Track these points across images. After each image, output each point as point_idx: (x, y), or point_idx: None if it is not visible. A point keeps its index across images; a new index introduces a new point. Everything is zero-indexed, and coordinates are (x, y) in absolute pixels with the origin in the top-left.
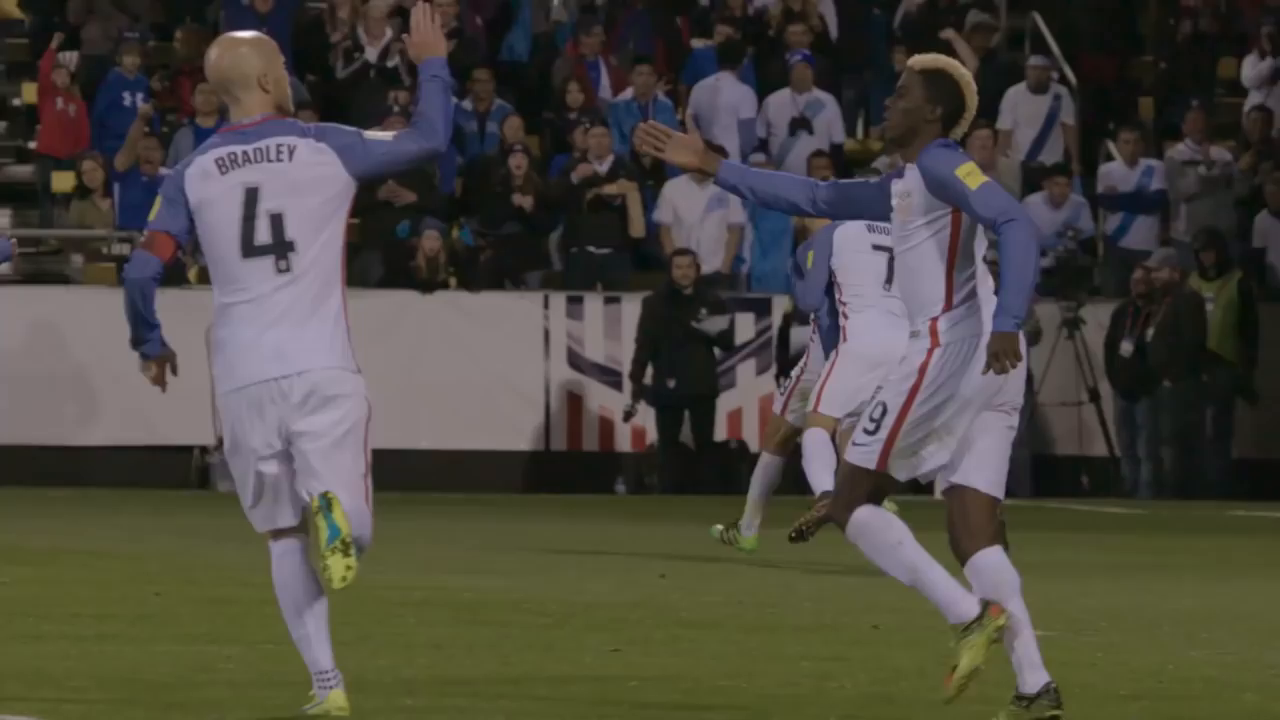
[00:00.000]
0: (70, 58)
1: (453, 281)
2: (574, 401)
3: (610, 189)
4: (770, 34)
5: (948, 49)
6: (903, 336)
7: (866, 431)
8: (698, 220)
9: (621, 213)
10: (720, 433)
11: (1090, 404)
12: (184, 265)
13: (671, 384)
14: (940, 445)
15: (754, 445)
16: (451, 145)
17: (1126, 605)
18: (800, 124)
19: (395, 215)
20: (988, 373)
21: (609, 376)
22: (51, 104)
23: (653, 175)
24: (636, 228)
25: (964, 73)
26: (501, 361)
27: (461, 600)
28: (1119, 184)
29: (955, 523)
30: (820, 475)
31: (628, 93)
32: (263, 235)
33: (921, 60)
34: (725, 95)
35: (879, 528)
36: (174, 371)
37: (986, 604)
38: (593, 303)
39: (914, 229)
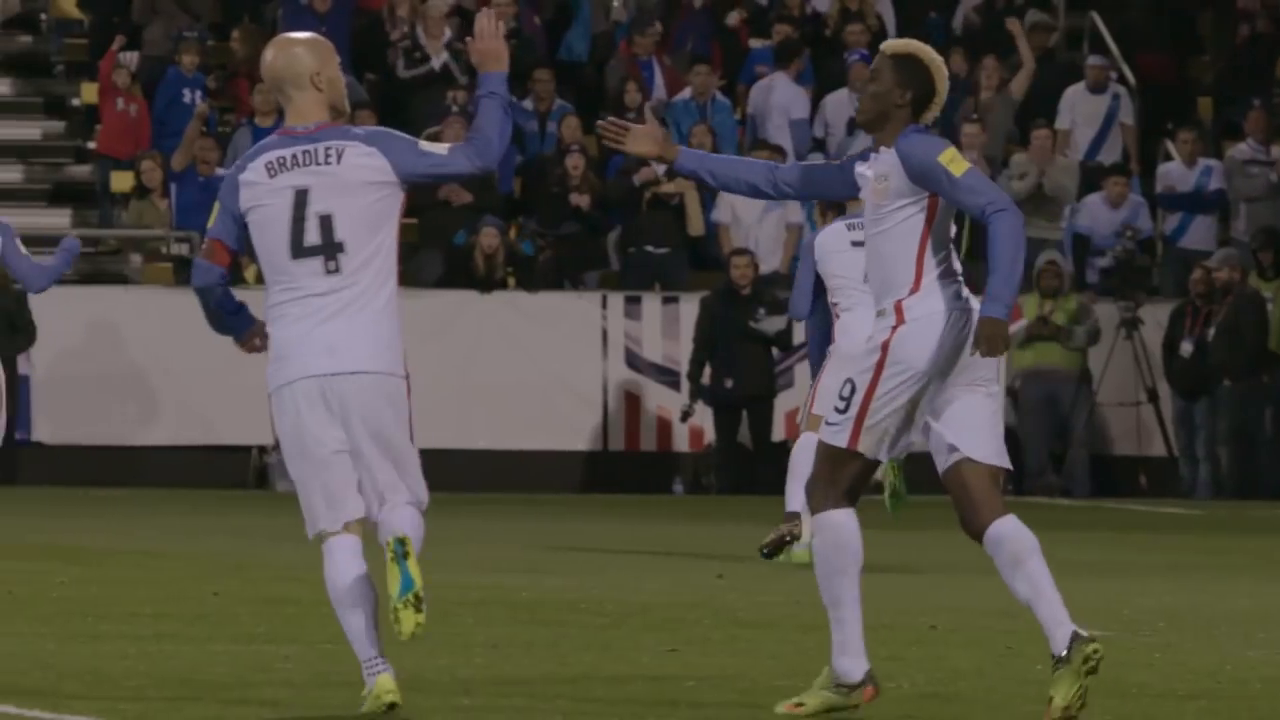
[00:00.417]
0: (131, 58)
1: (511, 281)
2: (632, 402)
3: (668, 188)
4: (827, 34)
5: (1008, 45)
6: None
7: (838, 410)
8: (756, 220)
9: (679, 212)
10: (778, 433)
11: (1149, 404)
12: (241, 265)
13: (729, 384)
14: (910, 423)
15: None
16: (511, 144)
17: (1184, 605)
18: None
19: (453, 215)
20: (974, 354)
21: (667, 377)
22: (112, 104)
23: None
24: (695, 227)
25: (935, 58)
26: (559, 361)
27: (519, 600)
28: (1177, 184)
29: (960, 501)
30: (795, 493)
31: (686, 92)
32: (312, 236)
33: (893, 45)
34: (778, 95)
35: (840, 542)
36: (265, 337)
37: (866, 681)
38: (651, 303)
39: (888, 212)
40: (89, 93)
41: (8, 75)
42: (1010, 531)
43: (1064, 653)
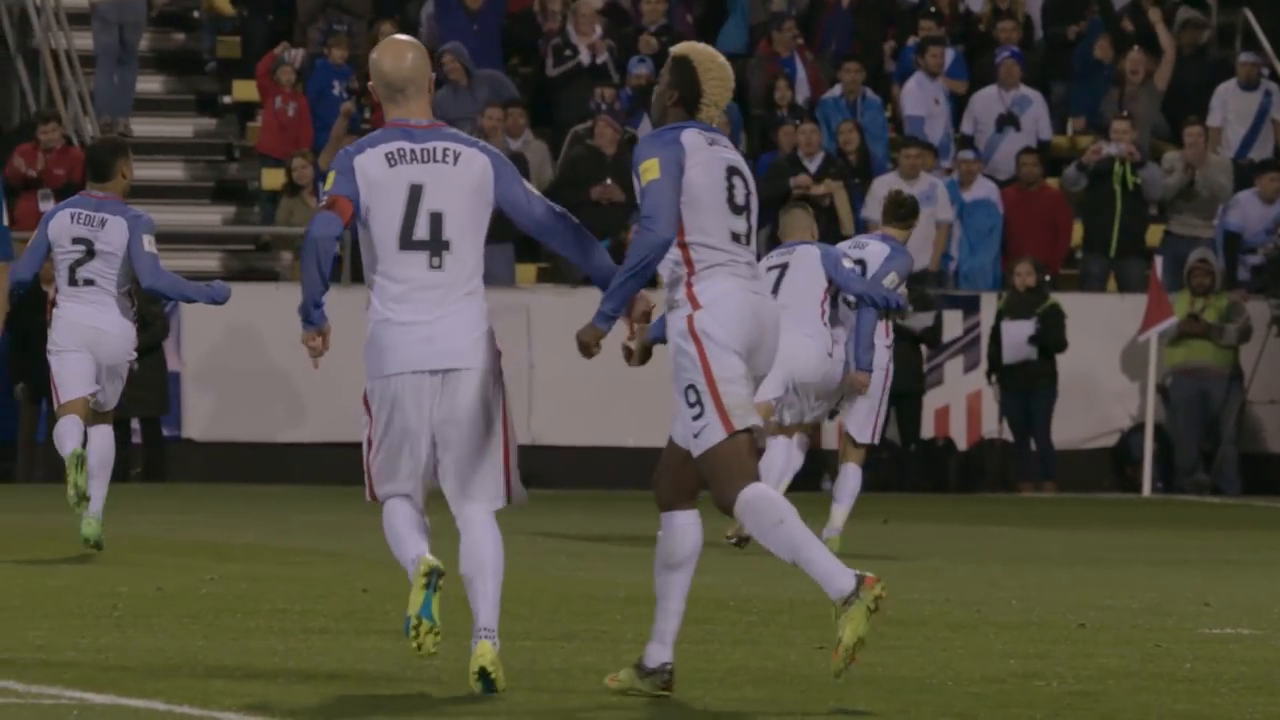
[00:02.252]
0: (295, 55)
1: (659, 279)
2: None
3: (818, 189)
4: (980, 31)
5: (1151, 38)
6: (793, 339)
7: (695, 419)
8: None
9: (829, 213)
10: (928, 430)
11: None
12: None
13: None
14: (753, 389)
15: (962, 444)
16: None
17: None
18: (1007, 120)
19: (601, 213)
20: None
21: None
22: (270, 103)
23: (859, 173)
24: (847, 226)
25: (706, 57)
26: None
27: None
28: None
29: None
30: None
31: (836, 89)
32: (421, 231)
33: (674, 49)
34: (913, 94)
35: (681, 541)
36: (325, 346)
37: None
38: None
39: None
40: (240, 90)
41: (161, 72)
42: (759, 495)
43: (850, 591)
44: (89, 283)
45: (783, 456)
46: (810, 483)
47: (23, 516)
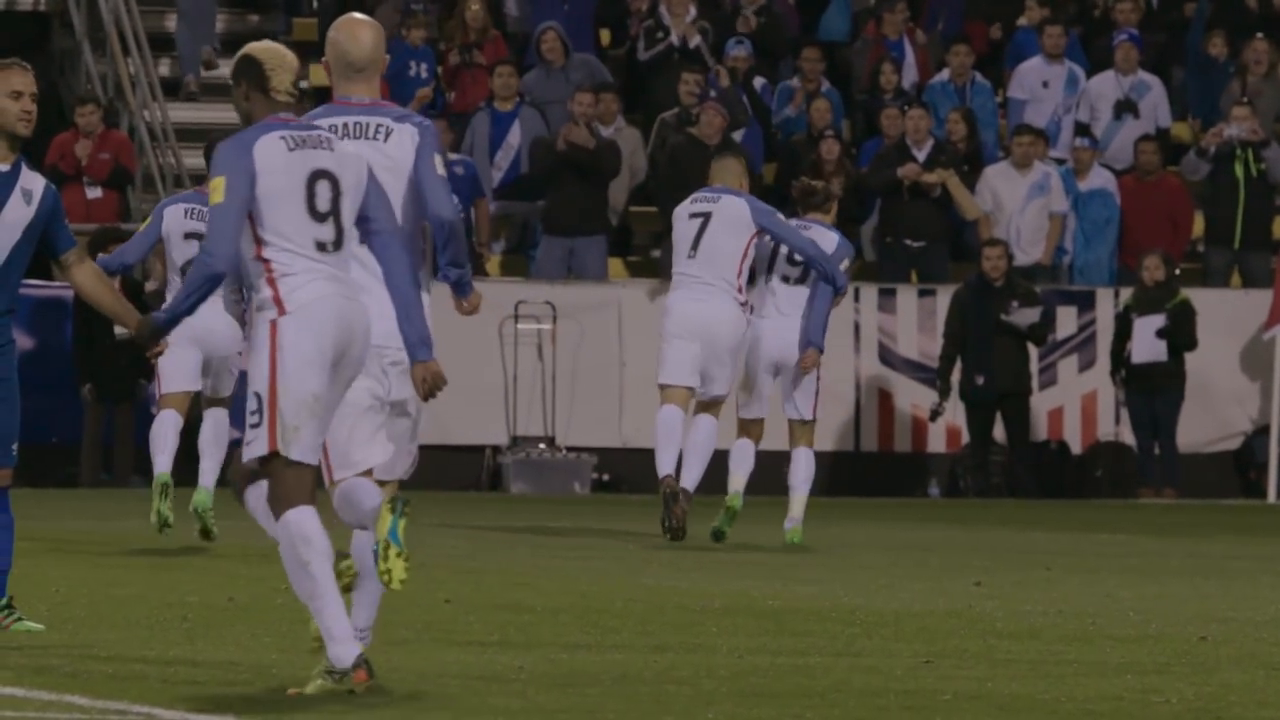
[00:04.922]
0: None
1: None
2: (885, 399)
3: (928, 179)
4: (1096, 13)
5: (1276, 22)
6: (711, 306)
7: (251, 426)
8: (1018, 208)
9: (939, 204)
10: (1040, 433)
11: None
12: (482, 258)
13: (980, 381)
14: (321, 419)
15: (1076, 446)
16: (758, 125)
17: None
18: (1125, 107)
19: None
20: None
21: (921, 373)
22: None
23: (969, 161)
24: (971, 211)
25: (256, 45)
26: None
27: (765, 608)
28: None
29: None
30: (662, 456)
31: (944, 74)
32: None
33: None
34: (1021, 76)
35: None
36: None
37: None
38: (905, 295)
39: None
40: (317, 74)
41: (235, 55)
42: (300, 525)
43: (343, 668)
44: None
45: (704, 436)
46: (917, 486)
47: (88, 522)
